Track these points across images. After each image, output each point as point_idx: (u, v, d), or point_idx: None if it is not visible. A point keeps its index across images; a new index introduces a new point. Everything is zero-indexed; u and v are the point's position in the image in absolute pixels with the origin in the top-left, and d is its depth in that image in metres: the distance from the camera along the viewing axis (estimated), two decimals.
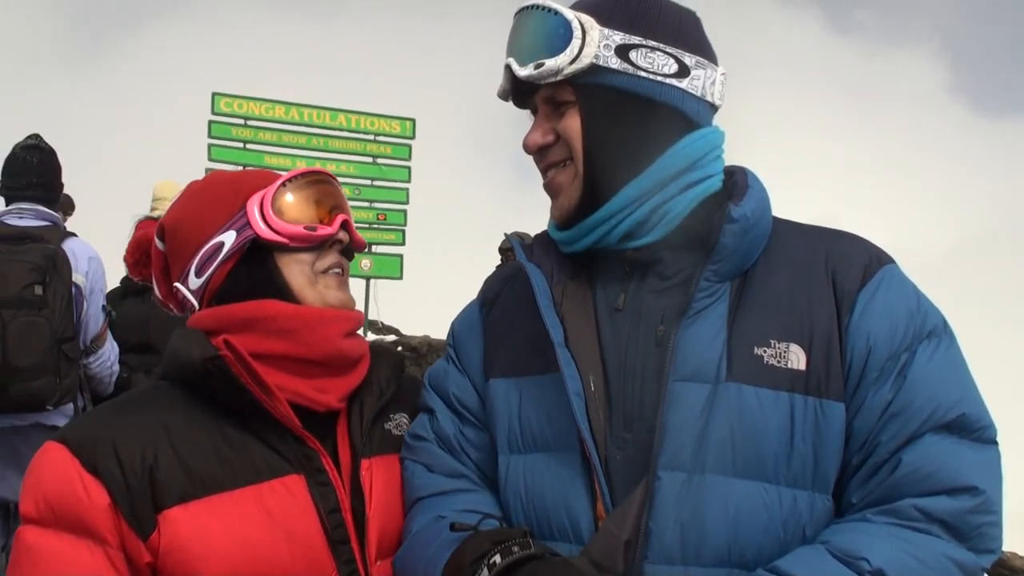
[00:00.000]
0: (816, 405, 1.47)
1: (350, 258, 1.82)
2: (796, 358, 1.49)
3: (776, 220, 1.64)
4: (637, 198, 1.58)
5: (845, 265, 1.56)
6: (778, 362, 1.49)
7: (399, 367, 1.86)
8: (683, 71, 1.59)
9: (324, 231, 1.72)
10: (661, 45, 1.58)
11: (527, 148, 1.66)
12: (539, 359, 1.64)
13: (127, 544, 1.47)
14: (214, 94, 12.82)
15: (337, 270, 1.76)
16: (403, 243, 13.73)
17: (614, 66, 1.56)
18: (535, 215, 1.79)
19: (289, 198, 1.72)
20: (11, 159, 4.91)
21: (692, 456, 1.46)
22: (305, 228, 1.70)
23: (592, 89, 1.58)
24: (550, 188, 1.66)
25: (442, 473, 1.72)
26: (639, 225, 1.59)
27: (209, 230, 1.70)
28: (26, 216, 4.74)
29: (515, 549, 1.37)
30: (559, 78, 1.57)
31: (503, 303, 1.82)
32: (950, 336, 1.54)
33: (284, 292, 1.68)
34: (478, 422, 1.74)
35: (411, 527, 1.68)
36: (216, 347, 1.60)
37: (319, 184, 1.78)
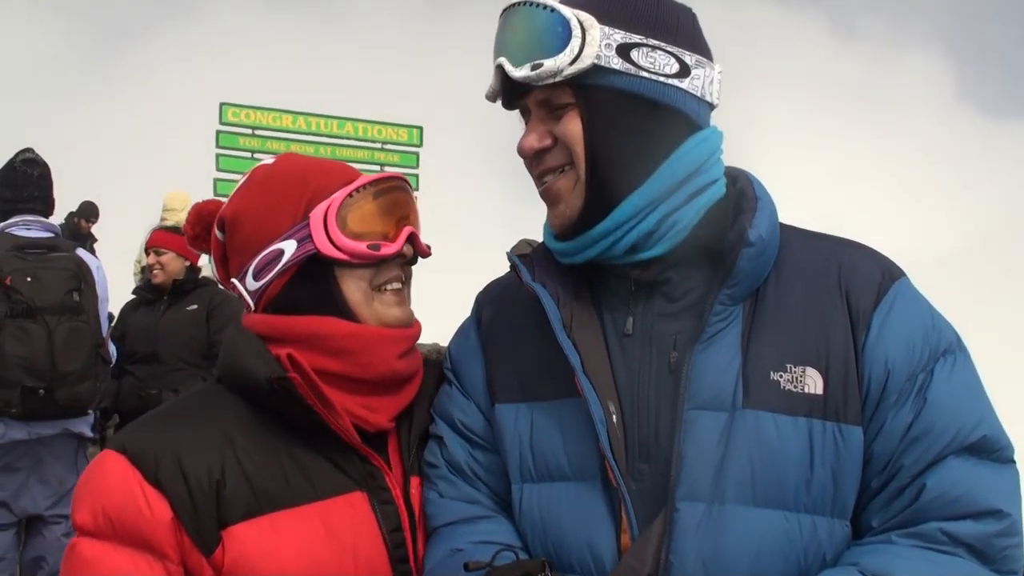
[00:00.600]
0: (835, 430, 1.42)
1: (415, 263, 1.71)
2: (813, 382, 1.44)
3: (782, 228, 1.56)
4: (644, 207, 1.48)
5: (858, 281, 1.50)
6: (795, 387, 1.44)
7: (441, 376, 1.78)
8: (684, 71, 1.51)
9: (387, 249, 1.61)
10: (661, 44, 1.49)
11: (522, 152, 1.55)
12: (550, 384, 1.57)
13: (188, 560, 1.44)
14: (222, 104, 12.88)
15: (396, 285, 1.65)
16: None
17: (616, 66, 1.47)
18: (542, 223, 1.70)
19: (355, 210, 1.61)
20: (10, 173, 4.94)
21: (711, 486, 1.40)
22: (368, 247, 1.59)
23: (593, 91, 1.48)
24: (548, 195, 1.55)
25: (456, 499, 1.64)
26: (646, 236, 1.49)
27: (270, 234, 1.61)
28: (33, 228, 4.78)
29: None
30: (558, 79, 1.46)
31: (502, 322, 1.72)
32: (964, 352, 1.50)
33: (342, 308, 1.61)
34: (488, 445, 1.65)
35: (427, 561, 1.60)
36: (279, 361, 1.55)
37: (389, 194, 1.67)
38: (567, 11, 1.46)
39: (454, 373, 1.74)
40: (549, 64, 1.46)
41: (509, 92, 1.54)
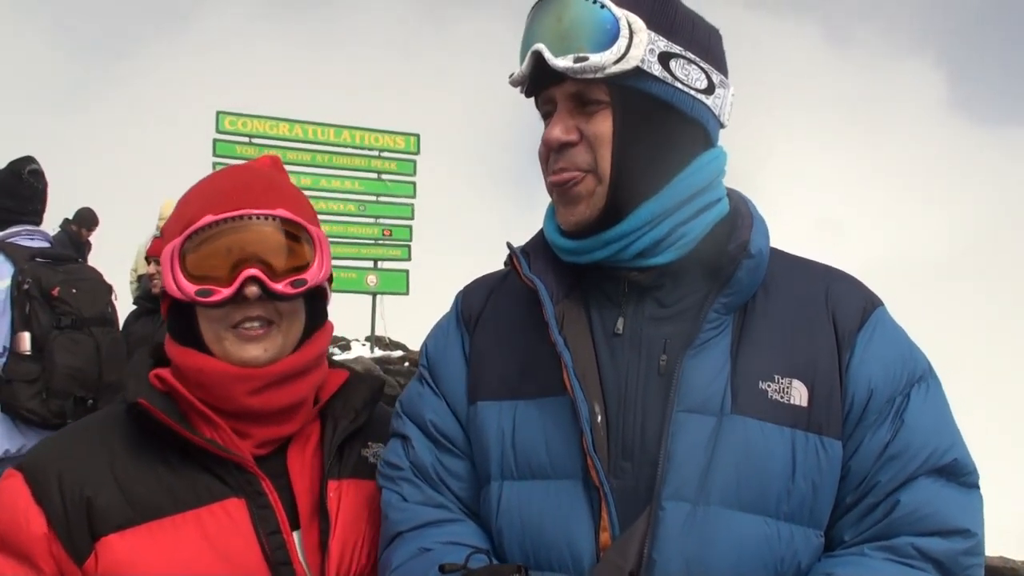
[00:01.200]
0: (817, 442, 1.47)
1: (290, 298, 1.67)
2: (799, 394, 1.48)
3: (772, 250, 1.60)
4: (658, 215, 1.51)
5: (844, 305, 1.56)
6: (781, 397, 1.48)
7: (377, 393, 1.85)
8: (710, 88, 1.54)
9: (219, 295, 1.60)
10: (696, 58, 1.52)
11: (548, 143, 1.53)
12: (534, 381, 1.58)
13: (64, 569, 1.54)
14: (218, 112, 12.88)
15: (251, 324, 1.64)
16: (409, 259, 13.75)
17: (656, 73, 1.48)
18: (536, 226, 1.70)
19: (193, 252, 1.62)
20: (15, 183, 4.94)
21: (697, 488, 1.44)
22: (196, 292, 1.60)
23: (630, 93, 1.49)
24: (566, 194, 1.54)
25: (420, 503, 1.64)
26: (656, 244, 1.52)
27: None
28: (36, 238, 4.83)
29: None
30: (599, 76, 1.46)
31: (488, 319, 1.72)
32: (935, 379, 1.57)
33: (200, 342, 1.67)
34: (457, 450, 1.65)
35: (391, 560, 1.59)
36: (150, 383, 1.65)
37: (226, 236, 1.62)
38: (617, 10, 1.47)
39: (430, 372, 1.73)
40: (595, 59, 1.45)
41: (538, 80, 1.53)
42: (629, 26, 1.46)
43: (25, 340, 4.41)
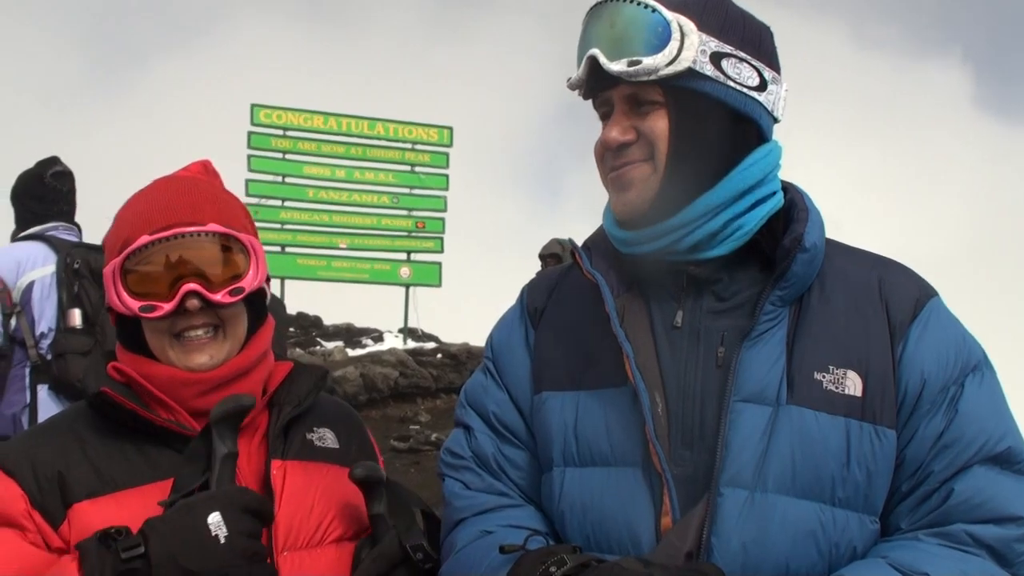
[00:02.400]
0: (871, 431, 1.49)
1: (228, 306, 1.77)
2: (853, 384, 1.51)
3: (826, 241, 1.63)
4: (713, 208, 1.54)
5: (898, 295, 1.58)
6: (836, 387, 1.51)
7: (320, 381, 1.94)
8: (762, 84, 1.58)
9: (161, 311, 1.68)
10: (747, 56, 1.56)
11: (608, 144, 1.58)
12: (596, 372, 1.63)
13: (44, 534, 1.64)
14: (253, 105, 12.98)
15: (194, 333, 1.73)
16: (442, 251, 13.81)
17: (708, 73, 1.52)
18: (570, 222, 1.72)
19: (134, 270, 1.71)
20: (38, 186, 4.98)
21: (753, 475, 1.47)
22: (140, 308, 1.69)
23: (683, 93, 1.53)
24: (620, 181, 1.59)
25: (482, 491, 1.70)
26: (711, 236, 1.55)
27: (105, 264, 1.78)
28: (73, 233, 4.90)
29: (567, 559, 1.37)
30: (653, 78, 1.51)
31: (551, 313, 1.77)
32: (991, 368, 1.58)
33: (148, 349, 1.75)
34: (519, 441, 1.71)
35: (455, 542, 1.66)
36: (109, 375, 1.76)
37: (164, 253, 1.71)
38: (668, 13, 1.50)
39: (495, 364, 1.80)
40: (648, 62, 1.50)
41: (594, 83, 1.58)
42: (680, 28, 1.50)
43: (76, 316, 4.48)
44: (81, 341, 4.49)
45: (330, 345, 14.00)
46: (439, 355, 13.41)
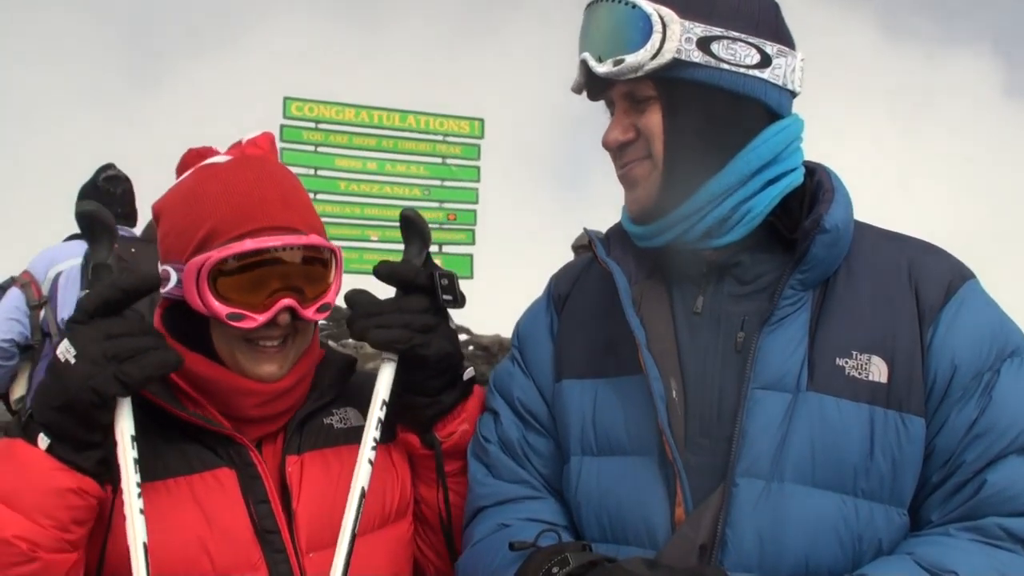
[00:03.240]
0: (897, 419, 1.45)
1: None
2: (878, 370, 1.47)
3: (857, 224, 1.60)
4: (720, 194, 1.53)
5: (928, 279, 1.53)
6: (859, 374, 1.47)
7: (347, 370, 1.89)
8: (765, 61, 1.54)
9: (248, 323, 1.61)
10: (742, 35, 1.52)
11: (607, 145, 1.60)
12: (614, 360, 1.62)
13: None
14: (285, 98, 13.04)
15: (270, 343, 1.68)
16: (473, 243, 13.80)
17: (696, 60, 1.50)
18: (602, 213, 1.72)
19: (227, 274, 1.61)
20: (92, 191, 5.04)
21: (771, 464, 1.44)
22: (228, 316, 1.60)
23: (674, 84, 1.52)
24: (626, 179, 1.60)
25: (504, 479, 1.70)
26: (721, 223, 1.54)
27: (167, 252, 1.70)
28: (128, 233, 4.95)
29: (570, 559, 1.37)
30: (640, 74, 1.51)
31: (574, 301, 1.77)
32: None
33: (210, 349, 1.69)
34: (543, 428, 1.71)
35: (473, 535, 1.67)
36: None
37: (267, 266, 1.63)
38: (648, 6, 1.49)
39: (520, 351, 1.80)
40: (631, 60, 1.50)
41: (593, 86, 1.59)
42: (661, 20, 1.49)
43: None
44: None
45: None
46: (471, 347, 13.41)
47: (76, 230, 4.95)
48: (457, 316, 1.82)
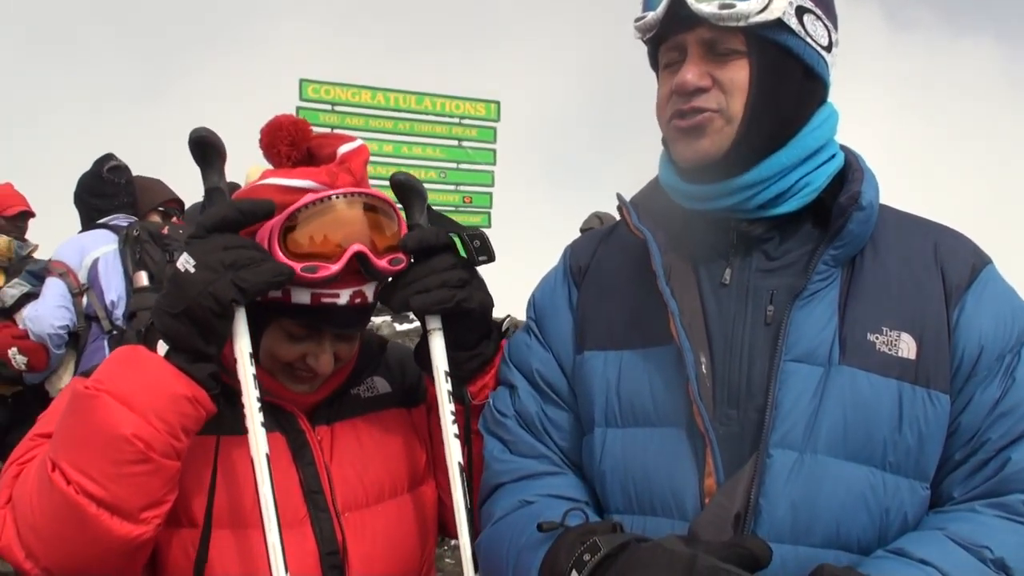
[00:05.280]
0: (924, 395, 1.47)
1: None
2: (907, 347, 1.48)
3: (880, 206, 1.61)
4: (786, 167, 1.53)
5: (954, 260, 1.55)
6: (889, 349, 1.48)
7: (379, 351, 1.99)
8: (831, 44, 1.56)
9: (326, 270, 1.61)
10: (822, 14, 1.54)
11: (684, 87, 1.51)
12: (639, 331, 1.62)
13: None
14: (301, 80, 13.04)
15: (304, 368, 1.76)
16: (489, 225, 13.80)
17: (792, 26, 1.49)
18: (617, 192, 1.70)
19: (293, 232, 1.62)
20: (97, 183, 5.16)
21: (803, 436, 1.45)
22: (303, 270, 1.60)
23: (767, 44, 1.49)
24: (692, 128, 1.53)
25: (522, 454, 1.69)
26: (779, 195, 1.54)
27: None
28: (132, 223, 5.04)
29: (601, 544, 1.35)
30: (742, 24, 1.47)
31: (595, 272, 1.76)
32: None
33: (257, 354, 1.72)
34: (562, 401, 1.70)
35: (493, 511, 1.66)
36: None
37: (326, 217, 1.64)
38: None
39: (537, 324, 1.79)
40: (742, 7, 1.46)
41: (674, 24, 1.52)
42: None
43: (142, 277, 4.57)
44: (149, 297, 4.61)
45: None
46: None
47: (79, 225, 5.06)
48: None
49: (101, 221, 5.05)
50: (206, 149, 1.67)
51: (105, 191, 5.12)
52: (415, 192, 1.83)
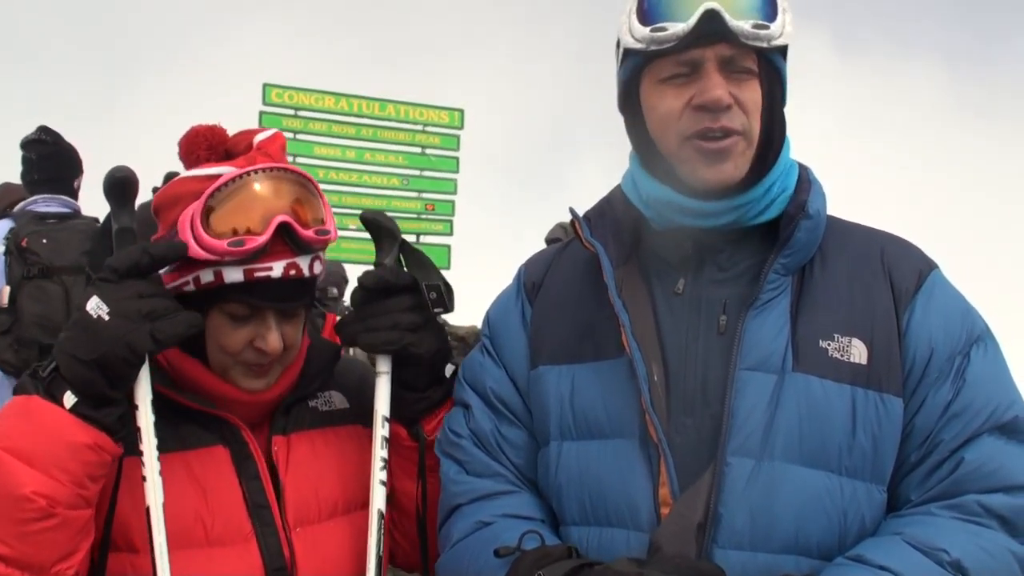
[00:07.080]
0: (877, 399, 1.50)
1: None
2: (859, 352, 1.52)
3: (828, 217, 1.66)
4: (776, 179, 1.59)
5: (901, 266, 1.59)
6: (841, 355, 1.51)
7: (333, 358, 1.94)
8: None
9: (252, 242, 1.60)
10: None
11: (716, 103, 1.50)
12: (591, 345, 1.64)
13: None
14: (265, 85, 12.95)
15: (256, 362, 1.72)
16: (451, 233, 13.78)
17: (786, 52, 1.58)
18: (582, 206, 1.72)
19: (216, 211, 1.61)
20: (23, 155, 4.98)
21: (760, 443, 1.48)
22: (229, 245, 1.59)
23: (771, 67, 1.57)
24: (719, 152, 1.53)
25: (478, 474, 1.70)
26: (768, 206, 1.59)
27: (161, 232, 1.72)
28: (52, 204, 4.89)
29: (555, 571, 1.39)
30: (766, 45, 1.52)
31: (549, 288, 1.77)
32: (993, 339, 1.60)
33: (204, 352, 1.72)
34: (516, 419, 1.71)
35: (451, 533, 1.66)
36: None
37: (248, 192, 1.63)
38: None
39: (492, 341, 1.80)
40: (773, 28, 1.51)
41: (700, 37, 1.50)
42: (783, 6, 1.54)
43: (3, 294, 4.48)
44: (1, 320, 4.44)
45: None
46: (448, 337, 13.41)
47: None
48: None
49: (18, 207, 4.90)
50: (127, 189, 1.64)
51: (24, 166, 4.98)
52: (385, 231, 1.84)
